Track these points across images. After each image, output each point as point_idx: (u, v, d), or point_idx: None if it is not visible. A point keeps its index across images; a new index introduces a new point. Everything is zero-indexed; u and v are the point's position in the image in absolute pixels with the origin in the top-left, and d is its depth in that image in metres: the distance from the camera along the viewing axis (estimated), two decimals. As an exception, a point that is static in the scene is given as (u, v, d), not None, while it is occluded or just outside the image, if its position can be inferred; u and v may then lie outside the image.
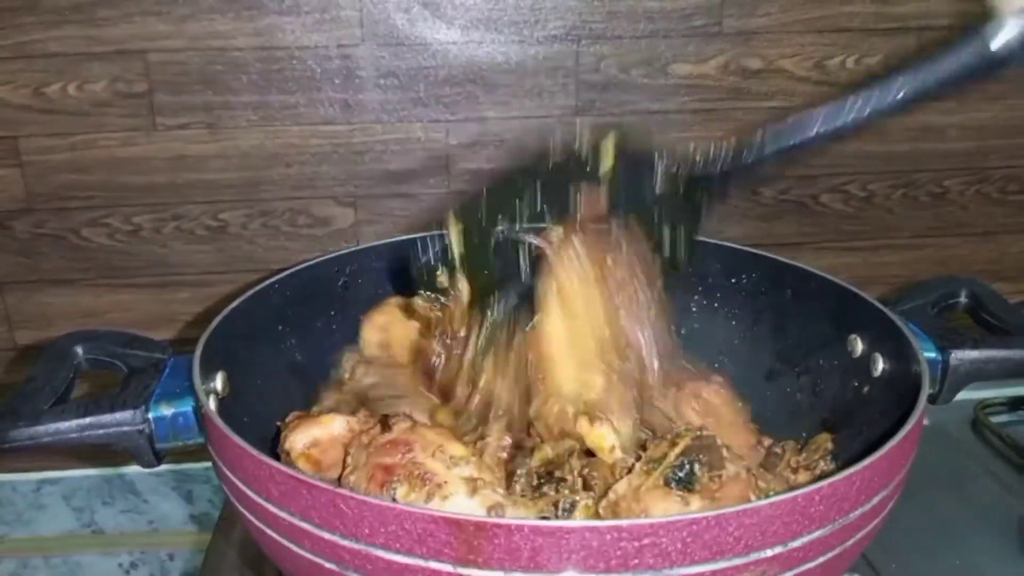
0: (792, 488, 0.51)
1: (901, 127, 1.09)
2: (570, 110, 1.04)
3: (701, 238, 0.78)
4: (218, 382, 0.58)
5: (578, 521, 0.44)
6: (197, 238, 1.05)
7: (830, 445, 0.60)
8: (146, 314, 1.08)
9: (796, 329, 0.71)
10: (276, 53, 0.98)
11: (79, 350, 0.60)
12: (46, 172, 1.01)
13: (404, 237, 0.79)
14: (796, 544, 0.41)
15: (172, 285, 1.07)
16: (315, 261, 0.72)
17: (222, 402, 0.57)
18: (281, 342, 0.68)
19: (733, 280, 0.76)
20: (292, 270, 0.69)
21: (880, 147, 1.10)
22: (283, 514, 0.43)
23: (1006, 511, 0.80)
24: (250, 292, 0.65)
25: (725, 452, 0.51)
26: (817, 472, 0.58)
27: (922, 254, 1.16)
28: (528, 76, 1.02)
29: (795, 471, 0.59)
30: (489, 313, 0.58)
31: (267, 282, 0.67)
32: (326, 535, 0.41)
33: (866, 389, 0.63)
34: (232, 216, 1.05)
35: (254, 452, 0.44)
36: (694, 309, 0.79)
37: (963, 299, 0.69)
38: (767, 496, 0.42)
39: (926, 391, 0.52)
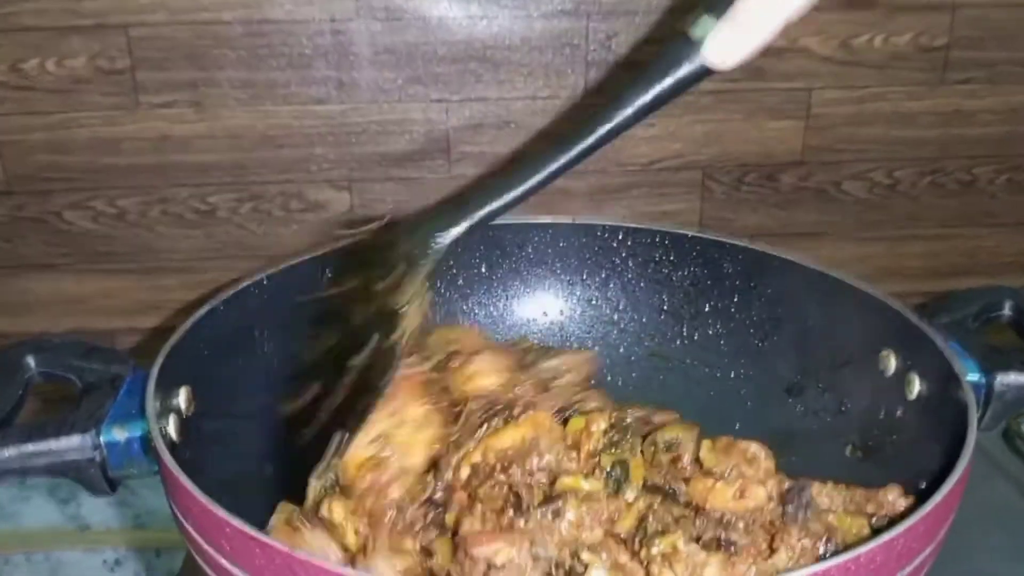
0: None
1: (930, 111, 1.03)
2: (578, 90, 0.99)
3: (714, 236, 0.73)
4: (181, 399, 0.52)
5: None
6: (185, 222, 1.01)
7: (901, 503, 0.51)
8: (132, 301, 1.04)
9: (821, 340, 0.65)
10: (265, 28, 0.93)
11: (31, 362, 0.54)
12: (24, 152, 0.96)
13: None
14: (823, 621, 0.36)
15: (159, 271, 1.03)
16: (297, 260, 0.67)
17: (187, 422, 0.52)
18: (258, 348, 0.63)
19: (752, 284, 0.70)
20: (271, 271, 0.64)
21: (907, 132, 1.04)
22: (236, 571, 0.38)
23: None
24: (218, 299, 0.59)
25: None
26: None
27: (948, 245, 1.10)
28: (533, 53, 0.96)
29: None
30: None
31: (240, 286, 0.62)
32: (285, 599, 0.36)
33: (899, 412, 0.57)
34: (221, 200, 1.00)
35: (203, 499, 0.38)
36: (708, 311, 0.73)
37: (1007, 312, 0.63)
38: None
39: (974, 427, 0.46)
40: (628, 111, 0.50)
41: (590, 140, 0.50)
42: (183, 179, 0.99)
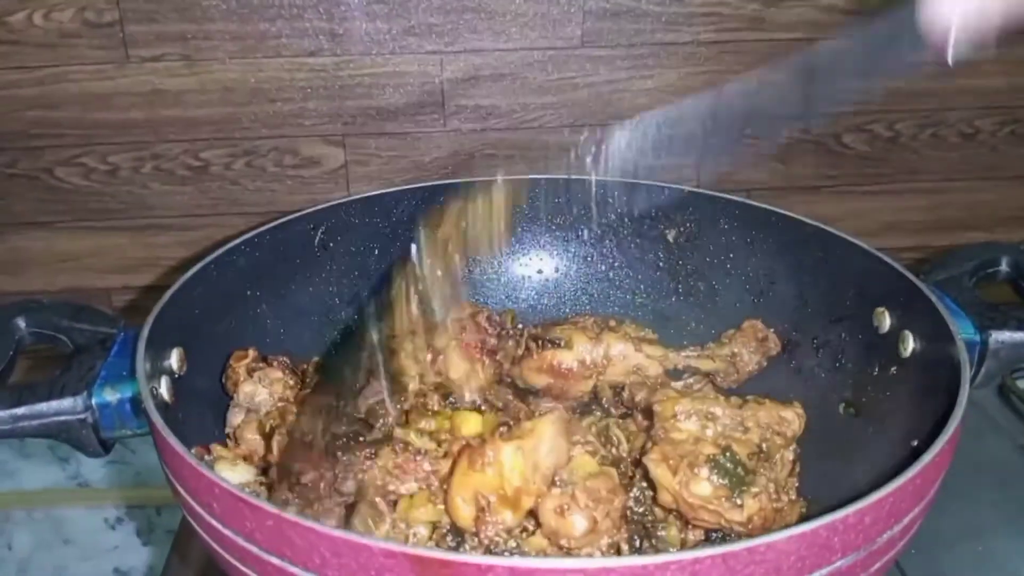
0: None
1: (933, 61, 1.01)
2: (575, 41, 0.97)
3: (710, 191, 0.72)
4: (173, 359, 0.52)
5: (557, 560, 0.39)
6: (178, 178, 1.00)
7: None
8: (126, 258, 1.03)
9: (816, 297, 0.65)
10: (255, -23, 0.90)
11: (21, 323, 0.54)
12: (13, 108, 0.95)
13: (385, 190, 0.73)
14: (814, 579, 0.36)
15: (153, 228, 1.02)
16: (288, 218, 0.66)
17: (180, 382, 0.52)
18: (250, 308, 0.63)
19: (748, 240, 0.69)
20: (261, 229, 0.63)
21: (908, 84, 1.02)
22: (228, 532, 0.38)
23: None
24: (208, 259, 0.59)
25: None
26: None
27: (948, 198, 1.09)
28: (530, 3, 0.94)
29: None
30: None
31: (230, 245, 0.61)
32: (274, 560, 0.36)
33: (893, 369, 0.57)
34: (214, 155, 0.99)
35: (193, 461, 0.38)
36: (703, 268, 0.72)
37: (1004, 268, 0.62)
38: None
39: (967, 386, 0.45)
40: None
41: None
42: (175, 134, 0.97)
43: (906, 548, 0.41)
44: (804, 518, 0.47)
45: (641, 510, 0.51)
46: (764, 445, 0.50)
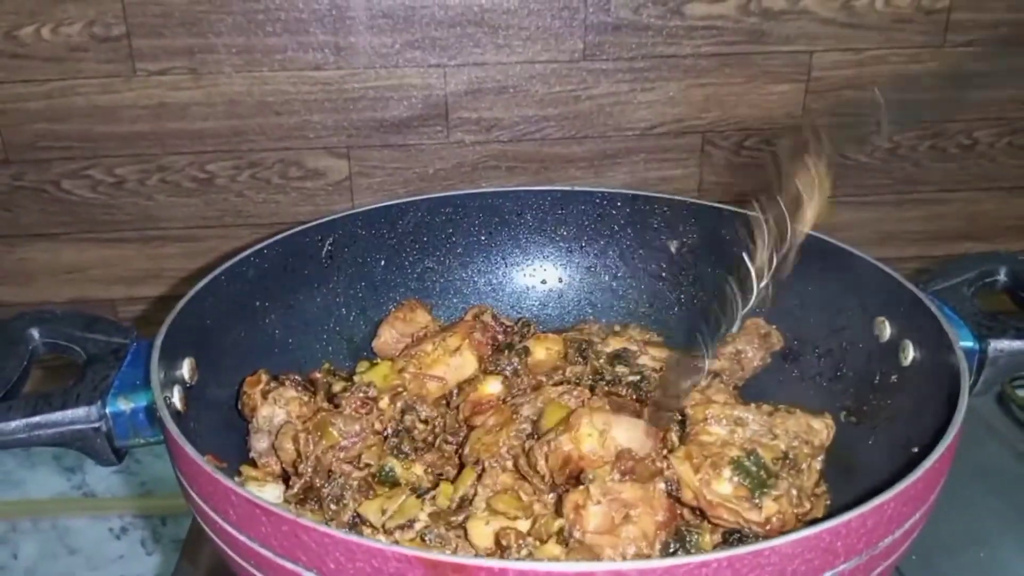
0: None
1: (931, 74, 1.02)
2: (577, 54, 0.98)
3: (711, 203, 0.73)
4: (185, 369, 0.53)
5: (568, 564, 0.39)
6: (183, 190, 1.01)
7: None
8: (132, 270, 1.04)
9: (818, 307, 0.65)
10: (261, -8, 0.91)
11: (35, 333, 0.55)
12: (21, 121, 0.96)
13: (391, 202, 0.73)
14: (817, 582, 0.36)
15: (159, 239, 1.03)
16: (295, 230, 0.67)
17: (191, 391, 0.53)
18: (259, 319, 0.63)
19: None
20: (269, 241, 0.64)
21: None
22: (243, 538, 0.39)
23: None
24: (218, 270, 0.59)
25: None
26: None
27: (948, 209, 1.10)
28: (531, 17, 0.95)
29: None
30: None
31: (240, 256, 0.62)
32: (288, 565, 0.37)
33: (894, 378, 0.58)
34: (219, 167, 1.00)
35: (209, 469, 0.39)
36: (705, 278, 0.73)
37: (1002, 277, 0.63)
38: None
39: (966, 394, 0.46)
40: None
41: None
42: (181, 147, 0.98)
43: (907, 553, 0.42)
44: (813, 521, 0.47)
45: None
46: (791, 453, 0.51)
